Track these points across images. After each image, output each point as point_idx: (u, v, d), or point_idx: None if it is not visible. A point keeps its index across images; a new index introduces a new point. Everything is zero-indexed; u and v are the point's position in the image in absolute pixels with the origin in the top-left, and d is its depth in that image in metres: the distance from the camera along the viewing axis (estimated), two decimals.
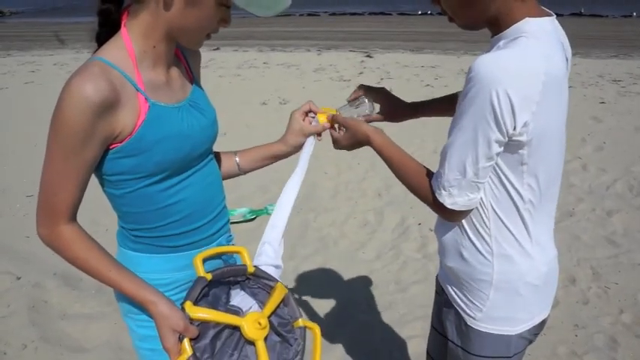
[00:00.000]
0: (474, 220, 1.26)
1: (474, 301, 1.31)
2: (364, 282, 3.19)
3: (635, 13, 19.60)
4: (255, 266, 1.23)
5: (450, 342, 1.41)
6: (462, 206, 1.20)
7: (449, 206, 1.21)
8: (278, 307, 1.21)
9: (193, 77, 1.35)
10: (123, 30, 1.16)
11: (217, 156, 1.50)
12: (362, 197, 4.39)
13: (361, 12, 28.05)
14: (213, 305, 1.13)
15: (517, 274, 1.28)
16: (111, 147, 1.14)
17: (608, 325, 2.73)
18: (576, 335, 2.67)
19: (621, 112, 6.65)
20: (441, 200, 1.22)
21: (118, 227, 1.34)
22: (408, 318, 2.79)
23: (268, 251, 1.30)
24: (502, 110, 1.06)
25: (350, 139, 1.44)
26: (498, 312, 1.30)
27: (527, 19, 1.14)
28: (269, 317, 1.17)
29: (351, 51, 12.71)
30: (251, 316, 1.14)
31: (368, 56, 11.75)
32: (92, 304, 3.05)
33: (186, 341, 1.04)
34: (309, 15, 22.43)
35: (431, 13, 21.11)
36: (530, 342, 1.40)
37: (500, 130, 1.09)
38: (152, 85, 1.18)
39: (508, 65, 1.07)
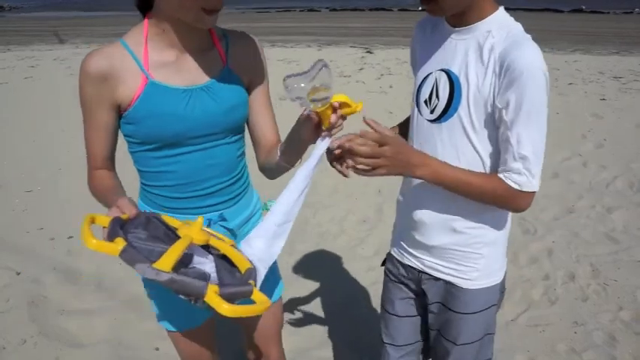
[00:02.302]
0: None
1: (468, 264, 1.42)
2: (363, 278, 3.18)
3: (636, 9, 19.56)
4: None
5: (439, 312, 1.50)
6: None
7: (537, 189, 1.26)
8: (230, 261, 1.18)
9: (227, 63, 1.39)
10: (146, 17, 1.32)
11: (272, 150, 1.48)
12: (362, 194, 4.38)
13: (362, 7, 28.03)
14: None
15: (502, 222, 1.42)
16: (121, 113, 1.32)
17: (608, 322, 2.73)
18: (575, 332, 2.66)
19: (622, 109, 6.64)
20: (531, 188, 1.24)
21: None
22: None
23: (258, 243, 1.25)
24: (547, 88, 1.20)
25: (393, 162, 1.22)
26: (492, 264, 1.44)
27: (500, 9, 1.27)
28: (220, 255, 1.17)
29: (351, 47, 12.69)
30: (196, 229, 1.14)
31: (368, 52, 11.72)
32: (91, 300, 3.05)
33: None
34: (309, 10, 22.37)
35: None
36: None
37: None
38: (158, 65, 1.31)
39: (540, 55, 1.19)
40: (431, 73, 1.35)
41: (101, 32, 16.79)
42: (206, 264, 1.14)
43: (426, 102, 1.36)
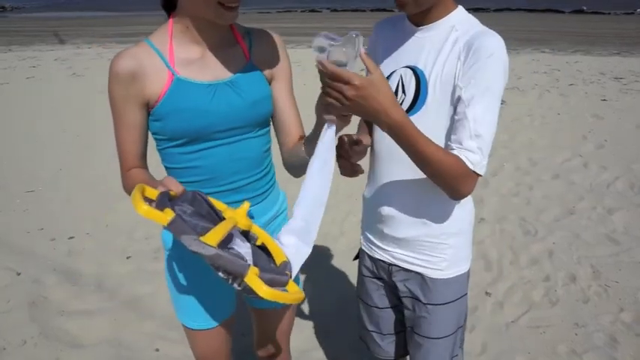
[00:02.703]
0: (432, 185, 1.32)
1: (437, 255, 1.45)
2: None
3: (637, 10, 19.54)
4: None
5: (412, 307, 1.52)
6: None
7: (482, 174, 1.25)
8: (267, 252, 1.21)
9: (250, 59, 1.43)
10: (171, 16, 1.37)
11: (296, 145, 1.49)
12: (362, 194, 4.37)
13: (363, 8, 28.02)
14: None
15: (466, 214, 1.47)
16: (149, 110, 1.37)
17: (608, 323, 2.73)
18: (576, 334, 2.66)
19: (623, 110, 6.63)
20: (481, 170, 1.24)
21: None
22: None
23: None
24: (507, 74, 1.26)
25: (363, 99, 1.11)
26: (459, 254, 1.48)
27: (460, 7, 1.34)
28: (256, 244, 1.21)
29: None
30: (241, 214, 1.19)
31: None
32: (92, 300, 3.04)
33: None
34: (310, 11, 22.40)
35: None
36: None
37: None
38: (184, 62, 1.35)
39: (504, 45, 1.25)
40: (395, 71, 1.37)
41: (102, 32, 16.81)
42: (243, 248, 1.16)
43: None
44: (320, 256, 3.47)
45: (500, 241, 3.59)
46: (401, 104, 1.33)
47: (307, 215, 1.25)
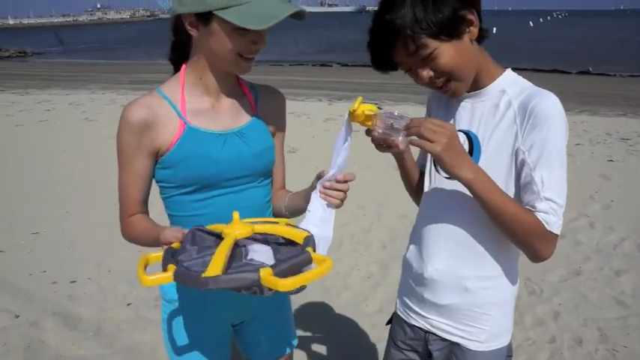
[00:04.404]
0: (485, 246, 1.35)
1: (477, 326, 1.40)
2: (366, 335, 3.13)
3: None
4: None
5: None
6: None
7: (559, 232, 1.25)
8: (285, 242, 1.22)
9: (257, 112, 1.51)
10: (183, 67, 1.42)
11: (282, 193, 1.61)
12: (367, 249, 4.35)
13: None
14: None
15: (512, 283, 1.42)
16: (157, 159, 1.40)
17: None
18: None
19: (630, 171, 6.64)
20: (558, 230, 1.24)
21: None
22: None
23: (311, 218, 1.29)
24: (567, 134, 1.26)
25: (451, 142, 1.18)
26: (500, 326, 1.42)
27: (508, 70, 1.35)
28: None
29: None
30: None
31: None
32: (89, 346, 3.00)
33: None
34: (321, 65, 22.85)
35: None
36: None
37: None
38: (195, 111, 1.40)
39: (559, 102, 1.25)
40: None
41: (116, 79, 17.20)
42: (262, 253, 1.16)
43: None
44: (323, 310, 3.42)
45: None
46: None
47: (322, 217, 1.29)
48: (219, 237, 1.20)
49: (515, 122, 1.26)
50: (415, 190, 1.58)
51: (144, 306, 3.42)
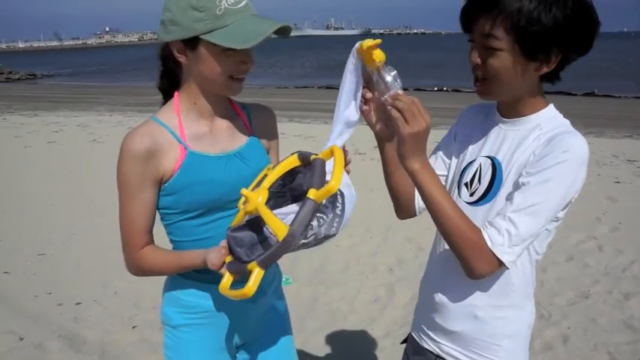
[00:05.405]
0: (497, 277, 1.32)
1: (488, 356, 1.37)
2: (373, 359, 3.09)
3: None
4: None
5: None
6: (513, 264, 1.22)
7: (506, 264, 1.20)
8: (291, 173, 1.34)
9: (252, 131, 1.53)
10: (176, 94, 1.44)
11: None
12: (373, 272, 4.33)
13: None
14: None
15: (526, 315, 1.40)
16: (160, 186, 1.40)
17: None
18: None
19: (637, 192, 6.60)
20: (502, 255, 1.18)
21: None
22: None
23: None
24: (578, 186, 1.21)
25: (416, 125, 1.17)
26: (513, 358, 1.39)
27: (551, 105, 1.32)
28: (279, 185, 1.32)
29: (367, 125, 12.88)
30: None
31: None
32: None
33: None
34: (327, 88, 23.00)
35: (446, 90, 21.55)
36: None
37: (568, 200, 1.23)
38: (194, 136, 1.41)
39: (587, 149, 1.21)
40: (476, 159, 1.37)
41: (124, 101, 17.37)
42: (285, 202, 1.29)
43: (467, 184, 1.37)
44: (329, 334, 3.39)
45: None
46: (473, 193, 1.34)
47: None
48: (251, 227, 1.25)
49: (534, 153, 1.23)
50: (392, 186, 1.53)
51: (149, 328, 3.40)
